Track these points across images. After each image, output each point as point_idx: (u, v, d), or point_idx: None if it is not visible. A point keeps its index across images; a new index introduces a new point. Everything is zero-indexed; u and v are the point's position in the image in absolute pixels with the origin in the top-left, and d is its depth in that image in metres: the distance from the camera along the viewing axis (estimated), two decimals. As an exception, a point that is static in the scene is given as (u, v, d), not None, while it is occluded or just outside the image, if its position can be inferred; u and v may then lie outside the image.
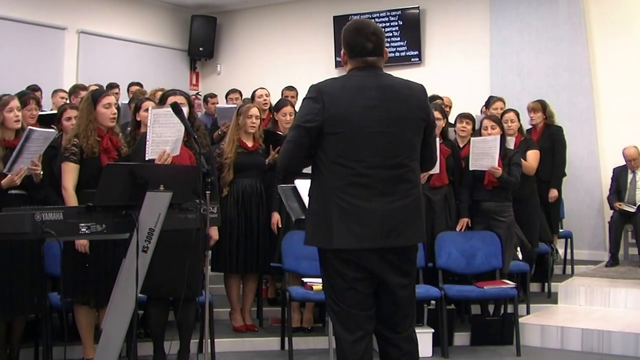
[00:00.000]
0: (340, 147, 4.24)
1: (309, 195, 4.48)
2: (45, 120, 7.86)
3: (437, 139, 5.03)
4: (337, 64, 14.35)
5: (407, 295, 4.45)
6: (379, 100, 4.29)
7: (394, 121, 4.29)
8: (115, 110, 6.42)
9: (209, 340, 6.60)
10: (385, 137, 4.26)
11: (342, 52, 4.49)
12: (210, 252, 6.90)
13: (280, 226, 7.75)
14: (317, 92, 4.31)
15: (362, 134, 4.23)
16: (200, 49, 16.09)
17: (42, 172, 6.31)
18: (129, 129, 7.19)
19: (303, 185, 6.24)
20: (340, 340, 4.38)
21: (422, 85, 4.52)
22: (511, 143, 8.76)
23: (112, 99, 6.49)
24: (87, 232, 4.54)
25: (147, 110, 6.85)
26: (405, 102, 4.35)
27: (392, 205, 4.25)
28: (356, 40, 4.39)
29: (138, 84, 11.60)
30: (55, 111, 8.70)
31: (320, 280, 6.89)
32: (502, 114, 9.27)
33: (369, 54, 4.38)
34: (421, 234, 4.45)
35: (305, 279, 7.31)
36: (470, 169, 8.12)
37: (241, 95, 11.84)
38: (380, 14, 13.86)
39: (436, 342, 7.44)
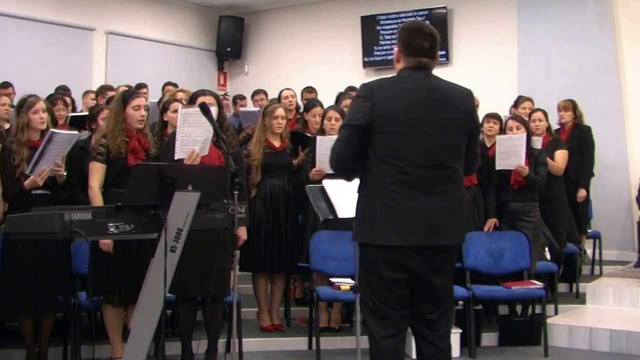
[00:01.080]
0: (388, 145, 4.29)
1: (358, 192, 4.51)
2: (77, 122, 7.91)
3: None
4: (365, 64, 14.36)
5: (445, 294, 4.50)
6: (427, 101, 4.33)
7: (441, 123, 4.33)
8: (145, 113, 6.44)
9: (237, 340, 6.59)
10: (432, 137, 4.31)
11: (395, 49, 4.51)
12: (238, 251, 6.93)
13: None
14: (368, 90, 4.36)
15: (409, 133, 4.28)
16: (228, 49, 16.13)
17: (65, 173, 6.36)
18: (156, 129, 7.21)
19: (331, 186, 6.26)
20: (373, 335, 4.42)
21: (470, 89, 4.57)
22: (539, 143, 8.72)
23: (142, 101, 6.52)
24: (115, 232, 4.55)
25: (174, 111, 6.89)
26: (453, 104, 4.40)
27: (434, 205, 4.30)
28: (413, 39, 4.42)
29: (173, 84, 11.61)
30: (85, 112, 8.76)
31: (348, 280, 7.00)
32: (530, 114, 9.24)
33: (424, 54, 4.42)
34: (461, 235, 4.52)
35: (332, 279, 7.31)
36: (497, 168, 8.08)
37: (266, 96, 11.86)
38: (408, 14, 13.83)
39: (464, 342, 7.42)
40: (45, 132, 6.37)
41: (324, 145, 7.35)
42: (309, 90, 11.17)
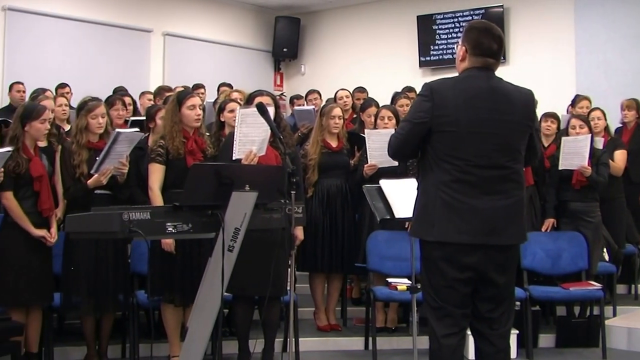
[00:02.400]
0: (448, 145, 4.30)
1: (417, 190, 4.52)
2: (135, 124, 7.97)
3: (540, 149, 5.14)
4: (421, 64, 14.31)
5: (507, 293, 4.50)
6: (489, 102, 4.33)
7: (502, 124, 4.33)
8: (200, 112, 6.49)
9: (294, 340, 6.62)
10: (492, 138, 4.31)
11: (461, 48, 4.49)
12: (295, 251, 6.94)
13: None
14: (429, 90, 4.37)
15: (469, 133, 4.28)
16: (284, 49, 16.16)
17: (126, 173, 6.44)
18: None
19: (388, 186, 6.25)
20: (434, 333, 4.41)
21: (531, 91, 4.55)
22: (600, 143, 8.61)
23: (197, 100, 6.56)
24: (173, 231, 4.57)
25: (231, 111, 6.92)
26: (514, 106, 4.39)
27: (494, 204, 4.30)
28: (484, 40, 4.42)
29: (228, 84, 11.67)
30: (142, 115, 8.84)
31: (404, 280, 6.99)
32: (588, 113, 9.15)
33: (492, 55, 4.44)
34: (522, 234, 4.49)
35: (389, 279, 7.28)
36: (560, 168, 8.01)
37: (320, 96, 11.86)
38: (464, 13, 13.78)
39: (521, 343, 7.36)
40: (104, 134, 6.48)
41: (373, 139, 7.41)
42: (360, 90, 11.16)
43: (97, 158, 6.26)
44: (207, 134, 6.82)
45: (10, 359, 5.77)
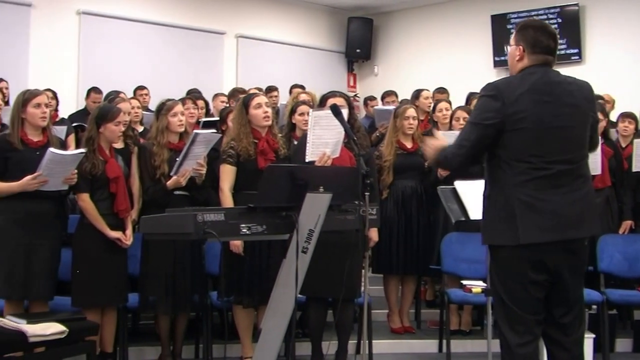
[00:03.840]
0: (521, 143, 4.28)
1: (485, 195, 4.48)
2: (209, 126, 8.02)
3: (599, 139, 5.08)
4: (496, 64, 14.17)
5: (577, 297, 4.44)
6: (554, 96, 4.32)
7: (568, 117, 4.33)
8: (268, 109, 6.47)
9: (367, 342, 6.60)
10: (561, 132, 4.30)
11: (518, 48, 4.47)
12: (369, 253, 6.92)
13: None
14: (496, 89, 4.35)
15: (540, 129, 4.27)
16: (358, 50, 16.12)
17: (204, 174, 6.48)
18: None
19: (463, 187, 6.21)
20: (507, 342, 4.36)
21: (587, 82, 4.54)
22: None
23: (263, 99, 6.59)
24: (248, 232, 4.58)
25: (302, 113, 6.92)
26: (577, 98, 4.39)
27: (570, 198, 4.27)
28: (541, 38, 4.44)
29: (301, 86, 11.69)
30: (215, 117, 8.89)
31: (479, 282, 6.92)
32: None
33: (550, 52, 4.46)
34: (597, 226, 4.53)
35: (464, 281, 7.22)
36: (634, 169, 7.91)
37: (397, 97, 11.83)
38: (539, 12, 13.60)
39: (597, 347, 7.24)
40: (183, 134, 6.54)
41: (447, 141, 7.34)
42: (441, 91, 11.08)
43: (177, 159, 6.32)
44: (279, 134, 6.84)
45: (86, 358, 5.82)
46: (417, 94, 10.46)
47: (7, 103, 8.39)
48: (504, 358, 4.41)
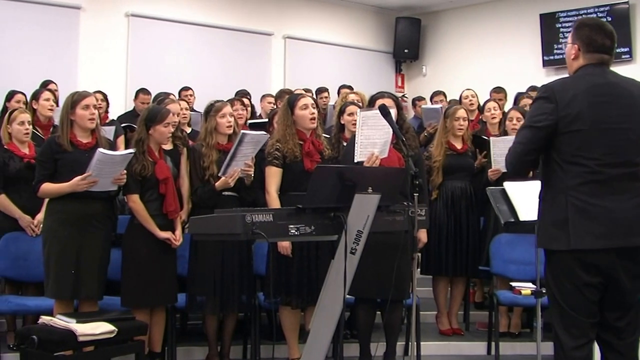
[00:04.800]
0: (575, 145, 4.21)
1: (541, 197, 4.42)
2: (257, 127, 8.04)
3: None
4: (545, 63, 14.06)
5: (633, 301, 4.35)
6: (611, 97, 4.25)
7: (625, 118, 4.24)
8: (313, 110, 6.48)
9: (415, 343, 6.57)
10: (617, 134, 4.21)
11: (573, 47, 4.42)
12: (418, 254, 6.88)
13: None
14: (550, 91, 4.30)
15: (596, 131, 4.19)
16: (405, 50, 16.07)
17: (252, 174, 6.48)
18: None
19: (513, 188, 6.16)
20: (562, 345, 4.30)
21: None
22: None
23: (309, 100, 6.59)
24: (296, 233, 4.57)
25: (350, 114, 6.90)
26: (634, 99, 4.30)
27: (626, 204, 4.18)
28: (597, 37, 4.37)
29: (349, 87, 11.67)
30: (264, 116, 8.90)
31: (529, 284, 6.86)
32: None
33: (606, 51, 4.37)
34: None
35: (513, 283, 7.15)
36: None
37: (445, 97, 11.78)
38: (589, 11, 13.47)
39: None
40: (232, 135, 6.55)
41: (498, 146, 7.33)
42: (497, 90, 10.98)
43: (224, 160, 6.33)
44: (326, 135, 6.82)
45: (135, 358, 5.85)
46: (460, 95, 10.43)
47: (57, 104, 8.45)
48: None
